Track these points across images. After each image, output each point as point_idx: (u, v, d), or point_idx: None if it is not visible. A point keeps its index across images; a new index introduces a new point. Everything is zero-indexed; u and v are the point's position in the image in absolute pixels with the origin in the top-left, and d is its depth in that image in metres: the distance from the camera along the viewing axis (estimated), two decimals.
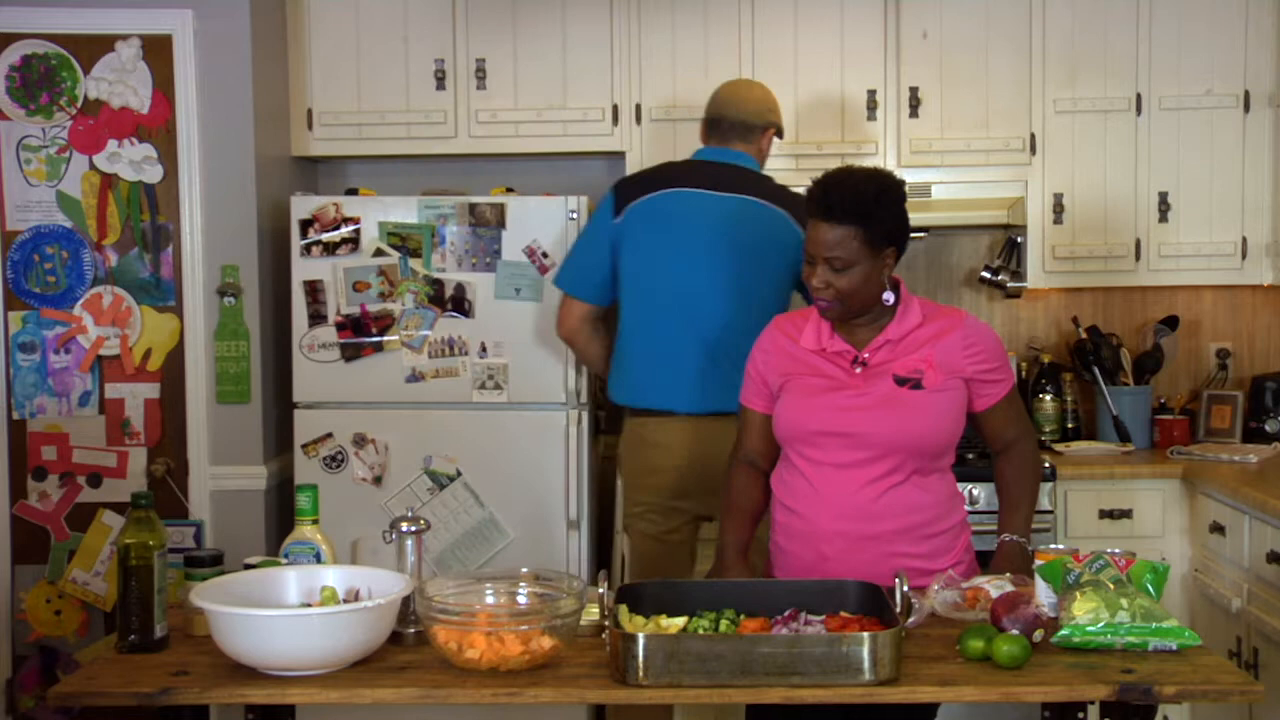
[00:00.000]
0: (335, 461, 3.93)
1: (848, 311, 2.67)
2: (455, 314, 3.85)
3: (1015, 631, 2.23)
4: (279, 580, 2.41)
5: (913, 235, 2.75)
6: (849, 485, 2.64)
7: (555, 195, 3.86)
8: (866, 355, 2.68)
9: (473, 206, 3.84)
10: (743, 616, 2.33)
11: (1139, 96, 4.22)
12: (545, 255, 3.82)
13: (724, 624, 2.30)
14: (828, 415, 2.65)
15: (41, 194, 3.86)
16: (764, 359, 2.80)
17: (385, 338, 3.87)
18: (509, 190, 4.00)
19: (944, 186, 4.22)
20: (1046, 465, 3.91)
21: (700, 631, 2.27)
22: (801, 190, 2.79)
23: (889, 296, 2.69)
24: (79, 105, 3.85)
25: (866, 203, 2.60)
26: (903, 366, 2.66)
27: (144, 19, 3.85)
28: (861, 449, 2.63)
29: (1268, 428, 4.31)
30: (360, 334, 3.88)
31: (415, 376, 3.87)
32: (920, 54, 4.22)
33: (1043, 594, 2.35)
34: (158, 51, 3.86)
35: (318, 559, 2.51)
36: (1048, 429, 4.37)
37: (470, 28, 4.21)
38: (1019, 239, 4.33)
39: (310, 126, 4.25)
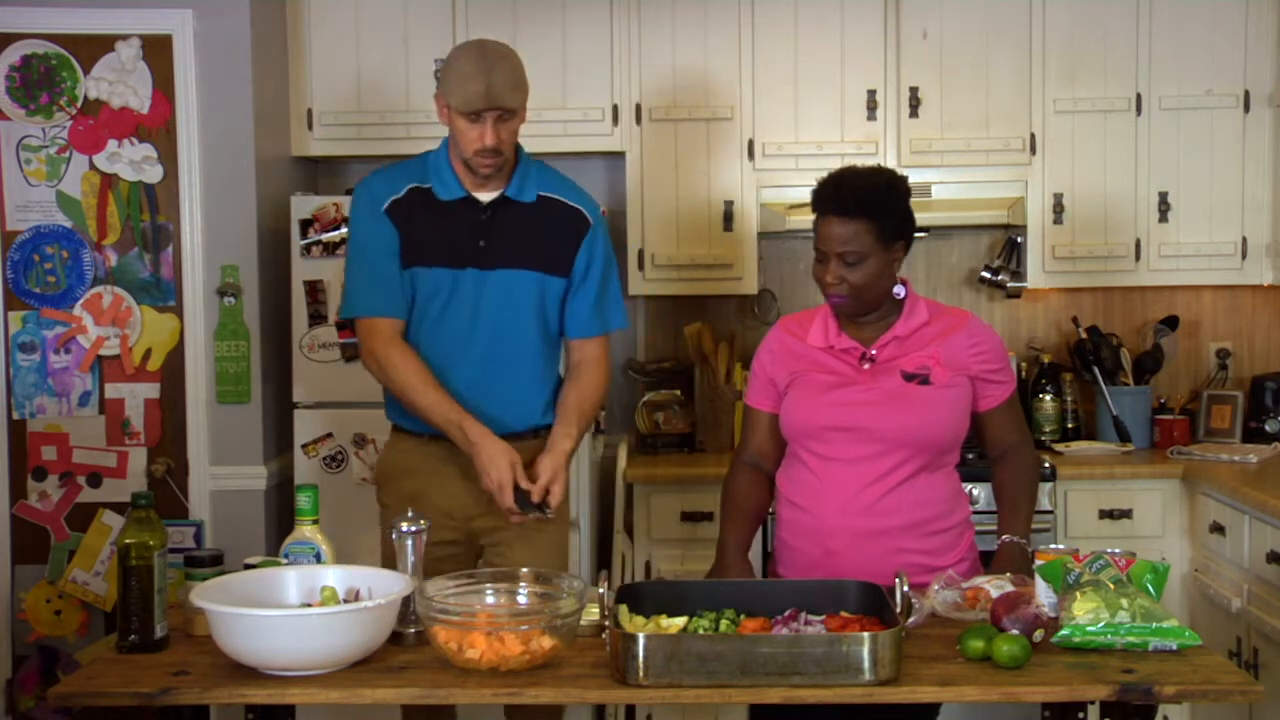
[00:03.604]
0: (335, 461, 3.93)
1: (861, 306, 2.68)
2: None
3: (1015, 631, 2.23)
4: (279, 580, 2.41)
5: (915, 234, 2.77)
6: (856, 481, 2.65)
7: None
8: (874, 352, 2.70)
9: None
10: (743, 616, 2.34)
11: (1139, 96, 4.22)
12: None
13: (724, 624, 2.30)
14: (836, 410, 2.66)
15: (41, 194, 3.86)
16: (770, 358, 2.81)
17: None
18: None
19: (944, 186, 4.22)
20: (1046, 465, 3.92)
21: (700, 631, 2.27)
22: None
23: (899, 290, 2.71)
24: (79, 105, 3.85)
25: (878, 196, 2.63)
26: (910, 363, 2.68)
27: (144, 19, 3.85)
28: (869, 444, 2.64)
29: (1268, 428, 4.31)
30: None
31: None
32: (920, 54, 4.22)
33: (1043, 594, 2.35)
34: (158, 51, 3.85)
35: (318, 559, 2.51)
36: (1048, 429, 4.37)
37: (470, 28, 4.21)
38: (1019, 239, 4.33)
39: (310, 126, 4.25)
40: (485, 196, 2.94)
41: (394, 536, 2.44)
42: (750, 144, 4.24)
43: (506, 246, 2.94)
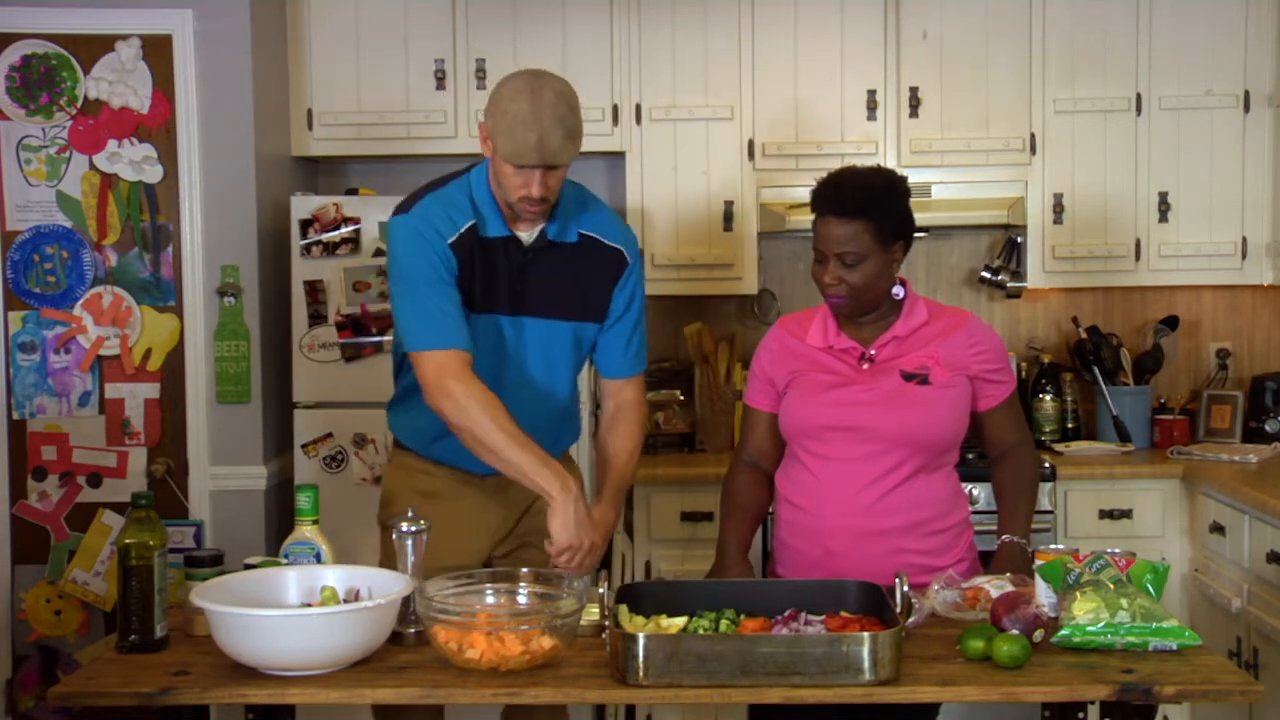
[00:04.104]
0: (335, 461, 3.94)
1: (859, 307, 2.68)
2: None
3: (1015, 631, 2.23)
4: (279, 580, 2.41)
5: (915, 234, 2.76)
6: (855, 481, 2.65)
7: None
8: (873, 351, 2.70)
9: None
10: (743, 616, 2.34)
11: (1139, 96, 4.22)
12: None
13: (724, 624, 2.30)
14: (835, 410, 2.66)
15: (41, 194, 3.86)
16: (770, 358, 2.81)
17: (385, 338, 3.87)
18: None
19: (944, 186, 4.22)
20: (1046, 465, 3.92)
21: (700, 631, 2.27)
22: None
23: (898, 290, 2.71)
24: (79, 105, 3.85)
25: (876, 197, 2.63)
26: (909, 363, 2.68)
27: (144, 19, 3.85)
28: (868, 444, 2.64)
29: (1268, 428, 4.31)
30: (360, 334, 3.88)
31: None
32: (920, 54, 4.22)
33: (1043, 594, 2.35)
34: (158, 51, 3.85)
35: (318, 559, 2.51)
36: (1048, 429, 4.37)
37: (470, 28, 4.21)
38: (1019, 239, 4.33)
39: (310, 126, 4.25)
40: (526, 236, 2.73)
41: (394, 537, 2.44)
42: (750, 144, 4.24)
43: (544, 293, 2.76)
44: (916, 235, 2.82)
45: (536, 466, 2.59)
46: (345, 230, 3.90)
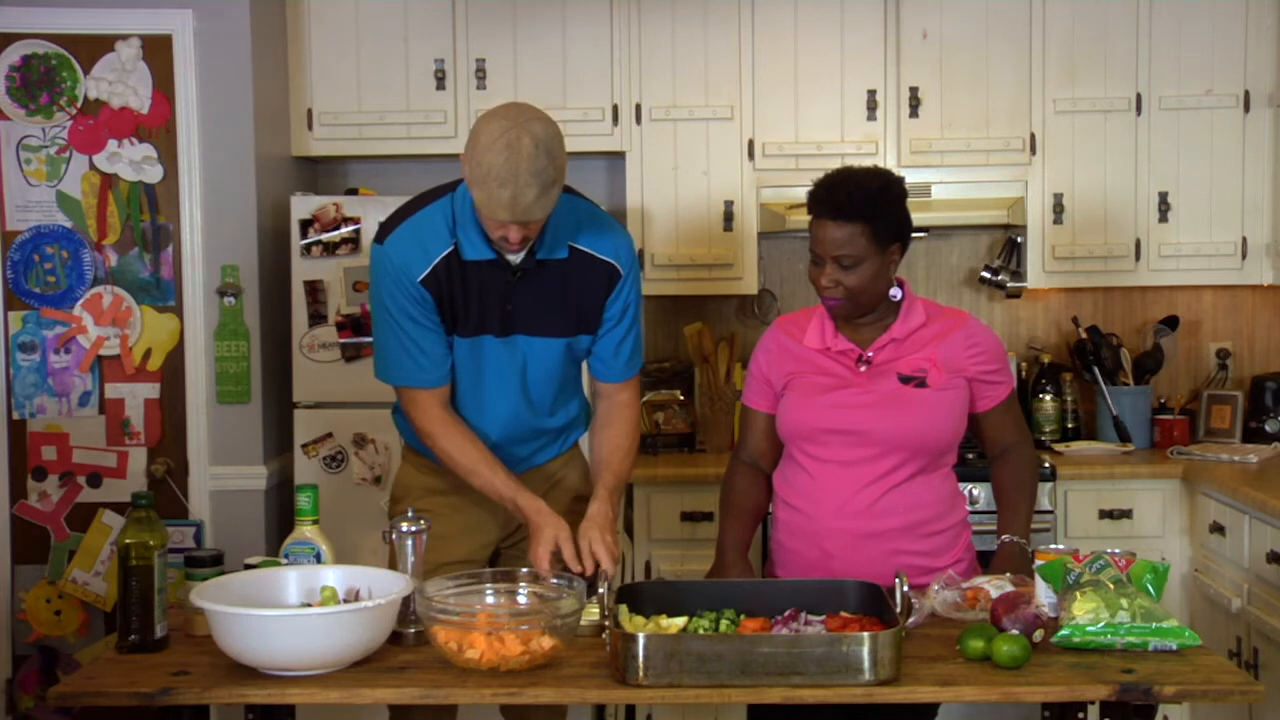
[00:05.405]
0: (335, 461, 3.94)
1: (856, 309, 2.67)
2: None
3: (1015, 631, 2.23)
4: (279, 580, 2.41)
5: (913, 234, 2.76)
6: (852, 483, 2.65)
7: None
8: (871, 354, 2.69)
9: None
10: (743, 616, 2.34)
11: (1139, 96, 4.22)
12: None
13: (724, 624, 2.31)
14: (832, 413, 2.66)
15: (41, 194, 3.86)
16: (767, 359, 2.80)
17: None
18: None
19: (944, 186, 4.22)
20: (1046, 465, 3.92)
21: (700, 631, 2.27)
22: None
23: (896, 292, 2.70)
24: (79, 105, 3.85)
25: (872, 199, 2.62)
26: (907, 365, 2.67)
27: (144, 19, 3.85)
28: (866, 446, 2.64)
29: (1268, 428, 4.31)
30: (360, 334, 3.88)
31: None
32: (920, 54, 4.22)
33: (1043, 594, 2.35)
34: (158, 51, 3.85)
35: (318, 559, 2.51)
36: (1048, 429, 4.37)
37: (470, 28, 4.21)
38: (1019, 239, 4.33)
39: (310, 126, 4.25)
40: (514, 257, 2.67)
41: (394, 536, 2.44)
42: (750, 144, 4.24)
43: (535, 311, 2.73)
44: (916, 235, 2.81)
45: (502, 503, 2.74)
46: (345, 230, 3.90)
